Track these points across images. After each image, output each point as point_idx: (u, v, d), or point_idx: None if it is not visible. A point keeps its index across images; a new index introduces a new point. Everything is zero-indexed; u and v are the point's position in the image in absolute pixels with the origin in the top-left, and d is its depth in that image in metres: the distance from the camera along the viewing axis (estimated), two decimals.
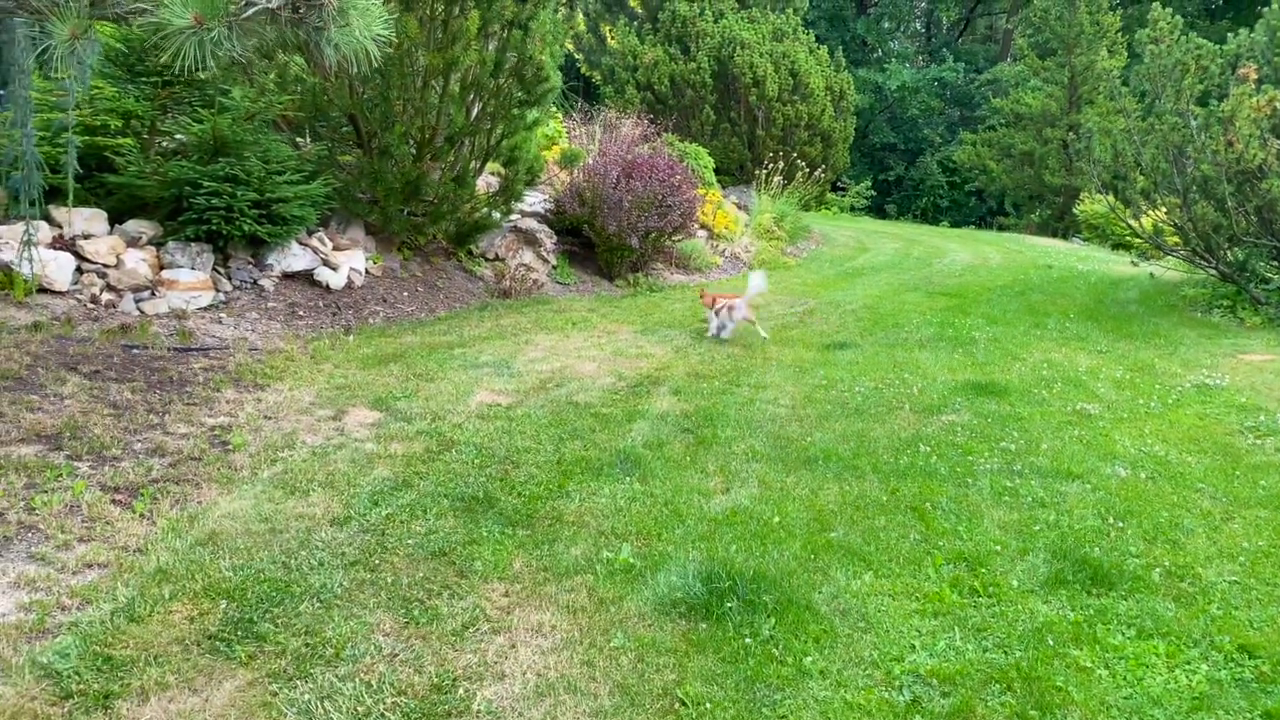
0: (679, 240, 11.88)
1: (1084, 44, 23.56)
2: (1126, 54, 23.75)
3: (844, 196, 30.20)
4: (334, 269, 8.82)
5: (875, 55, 39.71)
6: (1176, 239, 10.89)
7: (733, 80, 17.08)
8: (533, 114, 9.50)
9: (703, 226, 13.54)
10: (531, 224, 10.97)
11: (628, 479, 5.19)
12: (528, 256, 10.77)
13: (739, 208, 15.54)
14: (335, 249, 9.08)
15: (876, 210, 33.00)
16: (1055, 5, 23.53)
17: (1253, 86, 8.97)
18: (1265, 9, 10.13)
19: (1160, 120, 9.55)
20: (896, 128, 36.33)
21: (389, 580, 3.92)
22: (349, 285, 9.01)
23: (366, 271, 9.36)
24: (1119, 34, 23.44)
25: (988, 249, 18.12)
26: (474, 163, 9.56)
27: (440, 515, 4.58)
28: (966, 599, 4.02)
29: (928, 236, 21.09)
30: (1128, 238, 19.82)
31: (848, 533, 4.62)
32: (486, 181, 10.19)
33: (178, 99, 8.43)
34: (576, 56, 20.97)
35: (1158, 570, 4.26)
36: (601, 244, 11.07)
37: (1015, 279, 13.27)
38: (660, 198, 10.97)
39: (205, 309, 7.72)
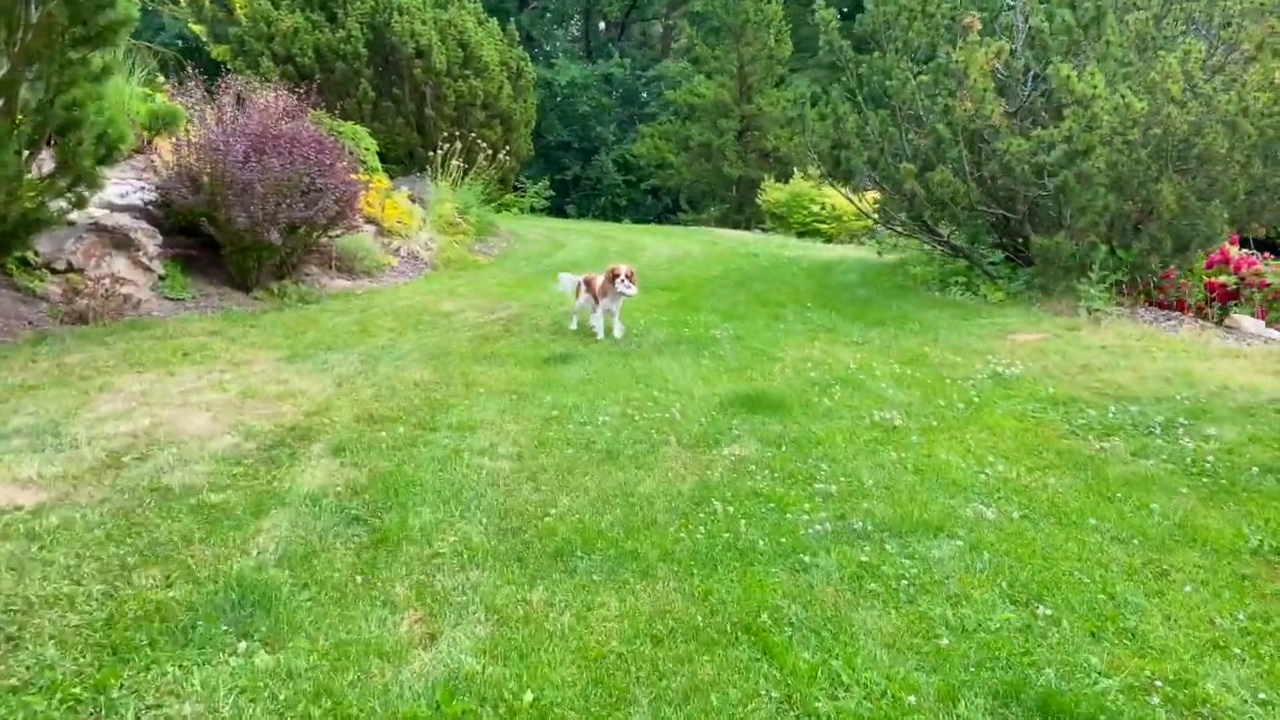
0: (338, 235, 9.31)
1: (750, 33, 23.55)
2: (791, 44, 24.11)
3: (524, 196, 28.57)
4: None
5: (540, 51, 38.54)
6: (882, 210, 10.03)
7: (393, 51, 14.55)
8: (99, 59, 6.57)
9: (370, 220, 11.01)
10: (124, 221, 7.93)
11: (244, 643, 2.82)
12: (119, 265, 7.73)
13: (414, 201, 13.14)
14: None
15: (557, 211, 31.68)
16: None
17: (977, 37, 8.13)
18: None
19: (888, 76, 8.54)
20: (569, 125, 35.31)
21: None
22: None
23: None
24: (784, 22, 23.68)
25: (683, 242, 17.06)
26: (15, 130, 6.46)
27: None
28: None
29: (618, 232, 19.80)
30: (814, 224, 19.79)
31: (657, 704, 2.58)
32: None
33: None
34: (197, 31, 17.32)
35: (1155, 699, 2.64)
36: (230, 243, 8.26)
37: (727, 269, 12.04)
38: (308, 181, 8.38)
39: None
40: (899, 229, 9.94)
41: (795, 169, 21.47)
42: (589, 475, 4.30)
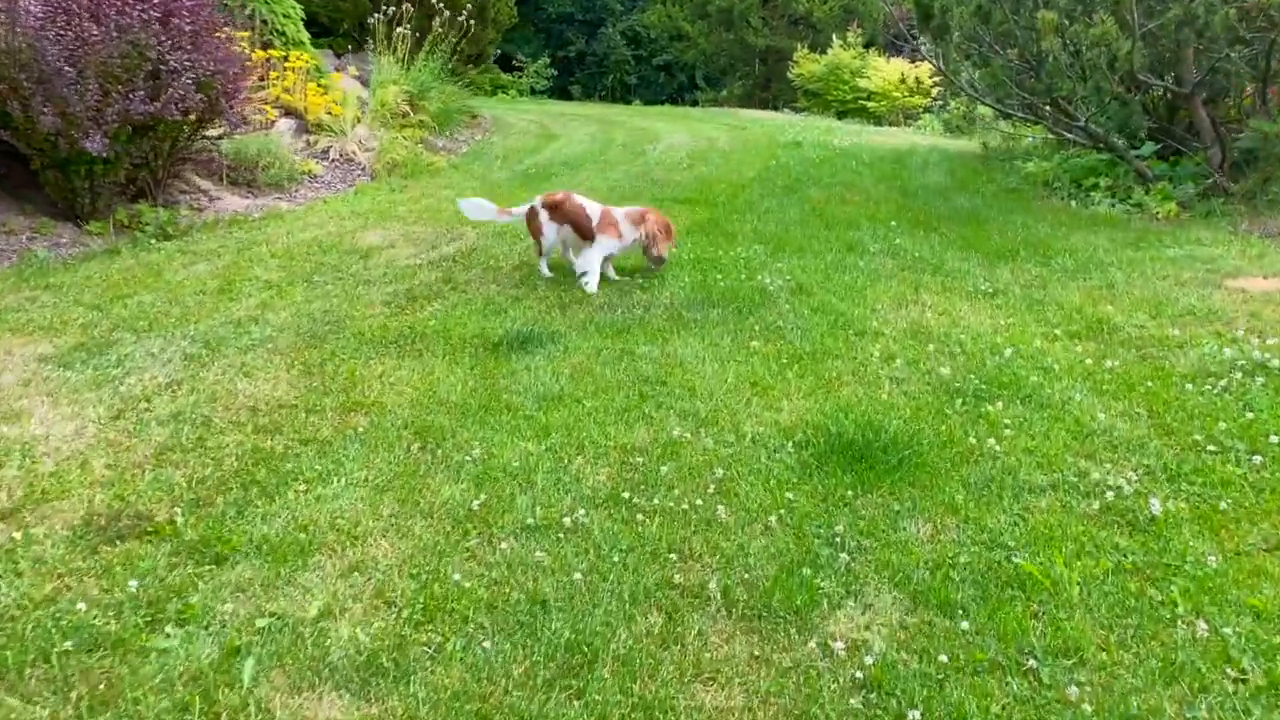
0: (219, 136, 6.59)
1: None
2: None
3: (521, 78, 25.43)
4: None
5: None
6: (998, 83, 7.18)
7: None
8: None
9: (289, 112, 8.26)
10: None
11: None
12: None
13: (362, 83, 10.30)
14: None
15: (560, 92, 28.51)
16: None
17: None
18: None
19: None
20: None
21: None
22: None
23: None
24: None
25: (704, 127, 14.15)
26: None
27: None
28: None
29: (627, 117, 16.79)
30: (858, 101, 16.73)
31: None
32: None
33: None
34: None
35: None
36: (38, 153, 5.59)
37: (766, 167, 9.25)
38: (155, 55, 5.63)
39: None
40: (1005, 108, 7.11)
41: (834, 37, 18.27)
42: None
